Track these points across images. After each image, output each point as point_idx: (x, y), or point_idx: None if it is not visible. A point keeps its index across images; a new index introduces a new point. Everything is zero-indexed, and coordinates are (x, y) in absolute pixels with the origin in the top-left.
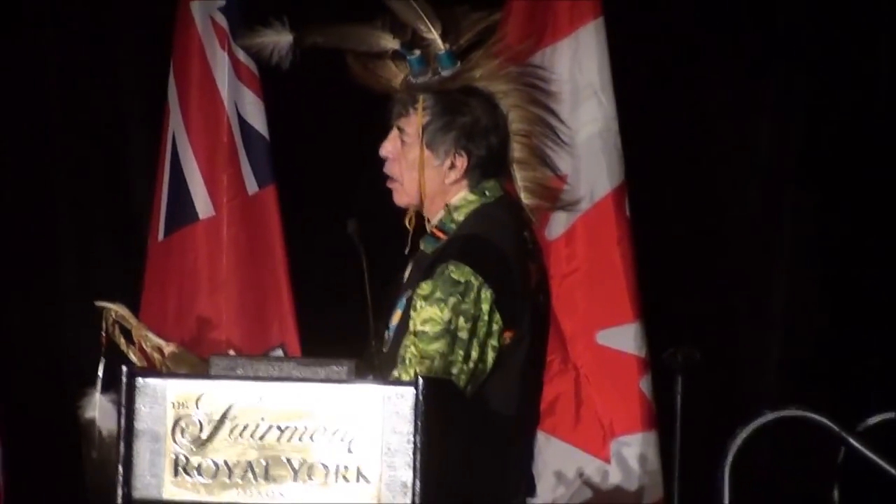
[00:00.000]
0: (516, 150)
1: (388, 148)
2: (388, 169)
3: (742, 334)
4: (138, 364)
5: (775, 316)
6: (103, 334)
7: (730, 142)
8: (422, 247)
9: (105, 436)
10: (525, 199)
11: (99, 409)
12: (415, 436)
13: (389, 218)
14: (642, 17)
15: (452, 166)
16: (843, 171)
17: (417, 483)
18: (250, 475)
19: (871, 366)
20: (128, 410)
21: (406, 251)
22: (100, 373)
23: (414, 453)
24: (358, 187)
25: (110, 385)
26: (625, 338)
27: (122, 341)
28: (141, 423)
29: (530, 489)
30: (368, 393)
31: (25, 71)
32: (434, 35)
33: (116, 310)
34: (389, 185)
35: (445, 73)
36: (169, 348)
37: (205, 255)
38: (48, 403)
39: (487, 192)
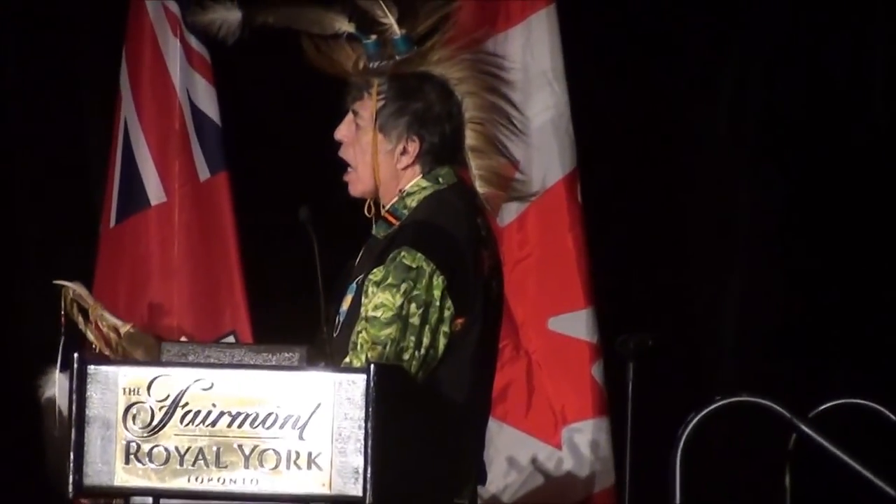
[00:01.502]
0: (471, 138)
1: (342, 131)
2: (343, 153)
3: (695, 320)
4: (95, 343)
5: (729, 302)
6: (62, 313)
7: (684, 127)
8: (374, 231)
9: (65, 414)
10: (479, 187)
11: (58, 387)
12: (366, 422)
13: (341, 205)
14: (594, 2)
15: (404, 151)
16: (801, 156)
17: (369, 469)
18: (202, 462)
19: (826, 352)
20: (79, 397)
21: (356, 233)
22: (59, 351)
23: (365, 439)
24: (311, 174)
25: (70, 364)
26: (577, 324)
27: (80, 320)
28: (92, 410)
29: (481, 477)
30: (320, 379)
31: None
32: (390, 20)
33: (74, 288)
34: (345, 178)
35: (400, 57)
36: (125, 328)
37: (156, 241)
38: (4, 389)
39: (441, 179)
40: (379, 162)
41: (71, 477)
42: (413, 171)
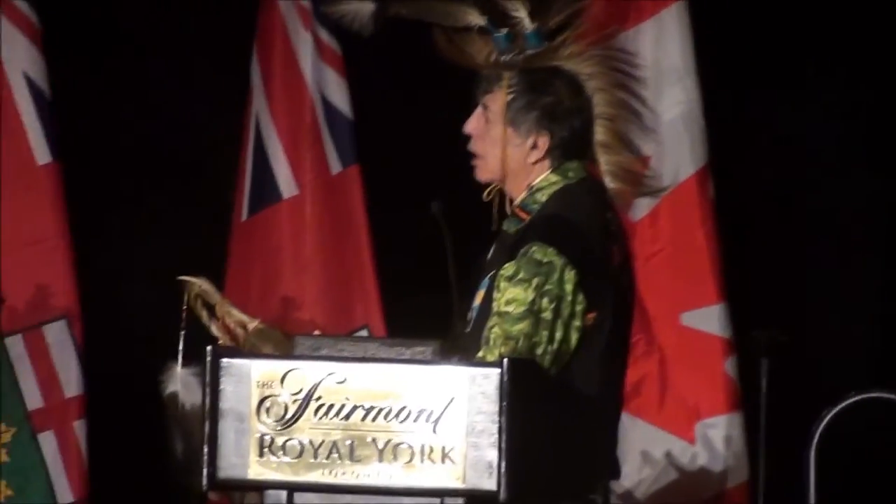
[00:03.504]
0: (600, 134)
1: (472, 125)
2: (472, 146)
3: (829, 316)
4: (221, 339)
5: (863, 297)
6: (185, 308)
7: (819, 120)
8: (504, 227)
9: (188, 409)
10: (609, 182)
11: (181, 382)
12: (500, 416)
13: (473, 198)
14: None
15: (535, 146)
16: None
17: (503, 463)
18: (335, 455)
19: None
20: (212, 390)
21: (488, 228)
22: (180, 347)
23: (499, 433)
24: (443, 167)
25: (192, 359)
26: (709, 319)
27: (203, 315)
28: (226, 403)
29: (614, 471)
30: (453, 374)
31: (110, 54)
32: (522, 14)
33: (199, 284)
34: (473, 162)
35: (532, 51)
36: (252, 324)
37: (288, 234)
38: (132, 381)
39: (570, 174)
40: (508, 155)
41: (205, 470)
42: (542, 166)
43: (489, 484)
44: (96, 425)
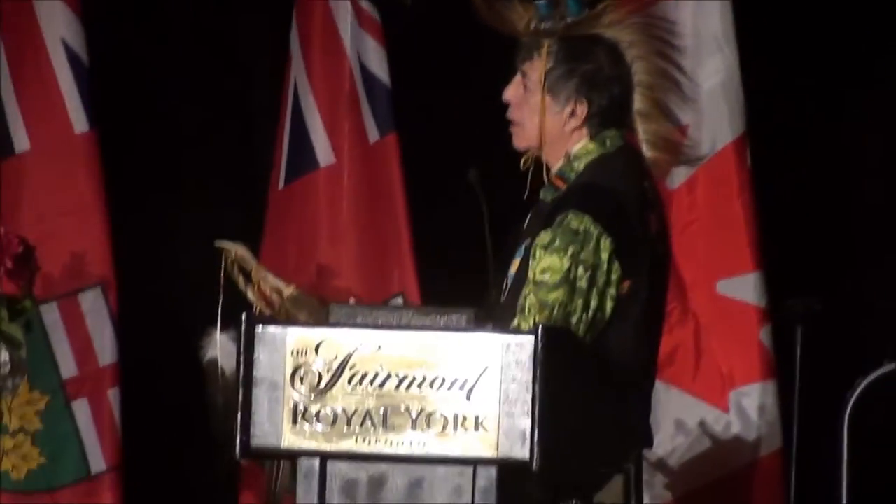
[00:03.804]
0: (639, 102)
1: (511, 92)
2: (511, 114)
3: (864, 284)
4: (256, 305)
5: None
6: (223, 274)
7: (856, 88)
8: (541, 195)
9: (227, 374)
10: (647, 151)
11: (220, 348)
12: (534, 385)
13: (510, 167)
14: None
15: (573, 114)
16: None
17: (536, 432)
18: (369, 423)
19: None
20: (247, 358)
21: (524, 196)
22: (220, 312)
23: (532, 402)
24: (480, 136)
25: (230, 325)
26: (745, 287)
27: (240, 281)
28: (260, 371)
29: (647, 440)
30: (488, 342)
31: (148, 21)
32: None
33: (236, 250)
34: (511, 129)
35: (572, 19)
36: (288, 290)
37: (325, 203)
38: (167, 349)
39: (608, 142)
40: (547, 123)
41: (238, 438)
42: (580, 134)
43: (522, 452)
44: (130, 394)
